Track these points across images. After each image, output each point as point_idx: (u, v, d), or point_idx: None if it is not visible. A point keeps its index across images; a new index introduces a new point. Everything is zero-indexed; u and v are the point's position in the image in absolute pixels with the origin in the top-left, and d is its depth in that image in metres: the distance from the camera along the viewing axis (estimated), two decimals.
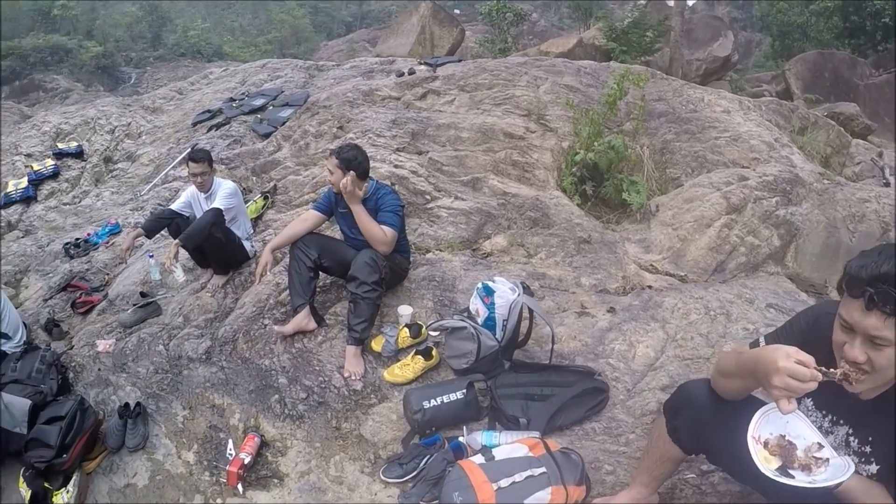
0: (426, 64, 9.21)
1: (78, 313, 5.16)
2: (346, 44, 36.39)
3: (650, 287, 4.78)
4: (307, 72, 10.53)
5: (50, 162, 8.57)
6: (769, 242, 5.41)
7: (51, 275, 5.99)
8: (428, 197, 5.87)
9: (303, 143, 7.16)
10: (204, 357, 4.22)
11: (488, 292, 3.81)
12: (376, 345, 4.09)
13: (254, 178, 6.93)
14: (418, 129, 6.89)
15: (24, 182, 8.18)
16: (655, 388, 3.62)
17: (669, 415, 2.35)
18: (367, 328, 3.97)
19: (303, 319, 4.16)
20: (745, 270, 5.20)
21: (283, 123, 7.87)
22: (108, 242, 6.33)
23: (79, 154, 8.88)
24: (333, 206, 4.34)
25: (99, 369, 4.32)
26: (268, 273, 4.31)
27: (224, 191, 4.81)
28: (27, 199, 7.99)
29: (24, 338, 4.44)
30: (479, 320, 3.84)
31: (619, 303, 4.50)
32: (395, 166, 6.20)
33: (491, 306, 3.78)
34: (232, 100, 9.33)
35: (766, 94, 15.10)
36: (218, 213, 4.64)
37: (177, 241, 4.54)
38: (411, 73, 8.58)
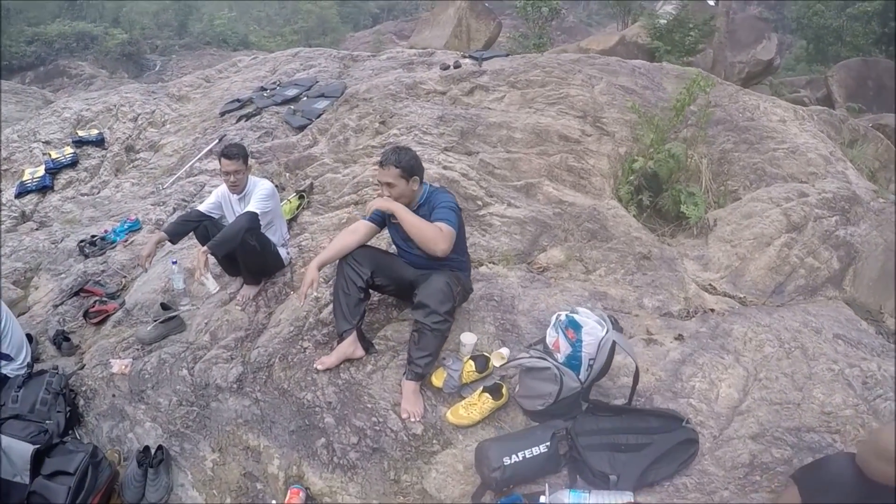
0: (471, 57, 8.66)
1: (91, 324, 4.60)
2: (374, 35, 35.92)
3: (713, 311, 4.46)
4: (341, 62, 9.97)
5: (69, 150, 8.18)
6: (829, 265, 5.12)
7: (63, 275, 5.48)
8: (479, 203, 5.38)
9: (341, 138, 6.58)
10: (235, 386, 3.65)
11: (574, 327, 3.25)
12: (437, 379, 3.49)
13: (287, 175, 6.35)
14: (467, 127, 6.38)
15: (41, 170, 7.81)
16: (745, 436, 3.28)
17: (809, 491, 2.22)
18: (432, 363, 3.38)
19: (349, 347, 3.60)
20: (804, 293, 4.91)
21: (319, 116, 7.30)
22: (126, 241, 5.78)
23: (99, 142, 8.45)
24: (387, 216, 3.75)
25: (113, 395, 3.78)
26: (314, 293, 3.70)
27: (260, 192, 4.21)
28: (43, 188, 7.61)
29: (28, 358, 3.86)
30: (560, 357, 3.31)
31: (686, 329, 4.14)
32: (445, 167, 5.69)
33: (577, 344, 3.24)
34: (263, 89, 8.77)
35: (805, 101, 14.41)
36: (253, 217, 4.05)
37: (205, 248, 3.94)
38: (457, 66, 8.05)
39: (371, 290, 3.78)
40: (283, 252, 4.50)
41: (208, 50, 33.44)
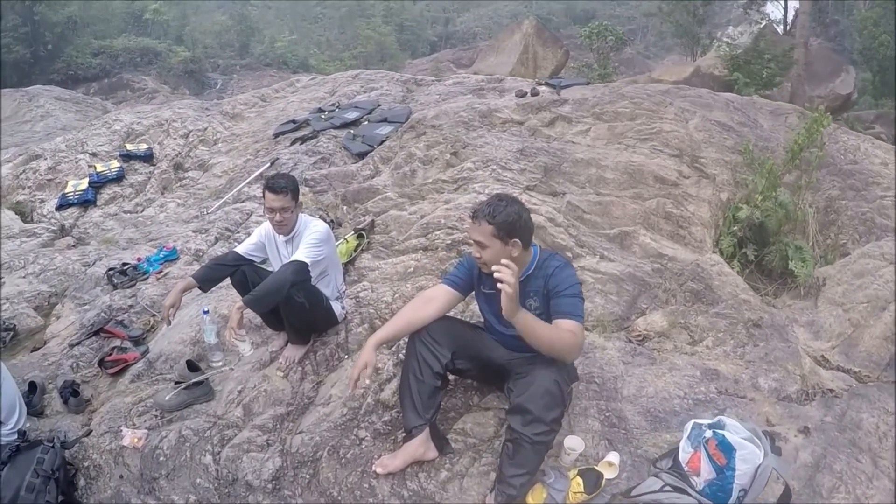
0: (548, 85, 8.04)
1: (107, 374, 3.89)
2: (432, 63, 35.88)
3: (831, 391, 3.82)
4: (405, 85, 9.44)
5: (115, 164, 7.88)
6: None
7: (87, 307, 4.88)
8: (570, 254, 4.66)
9: (408, 170, 5.87)
10: (270, 486, 2.89)
11: (725, 450, 2.54)
12: (534, 499, 2.62)
13: (344, 208, 5.66)
14: (551, 163, 5.69)
15: (85, 183, 7.53)
16: None
17: None
18: (529, 482, 2.55)
19: (419, 447, 2.80)
20: None
21: (382, 143, 6.68)
22: (160, 272, 5.15)
23: (148, 158, 8.12)
24: (475, 281, 2.94)
25: (121, 476, 3.07)
26: (367, 380, 2.89)
27: (312, 236, 3.43)
28: (85, 202, 7.31)
29: (21, 423, 3.14)
30: (699, 483, 2.58)
31: (809, 418, 3.43)
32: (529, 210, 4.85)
33: (728, 471, 2.53)
34: (320, 110, 8.26)
35: (883, 137, 13.59)
36: (302, 269, 3.29)
37: (239, 304, 3.21)
38: (535, 94, 7.40)
39: (449, 376, 2.99)
40: (336, 306, 3.73)
41: (268, 71, 33.97)
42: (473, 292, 3.02)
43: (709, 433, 2.53)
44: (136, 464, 3.11)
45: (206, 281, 3.50)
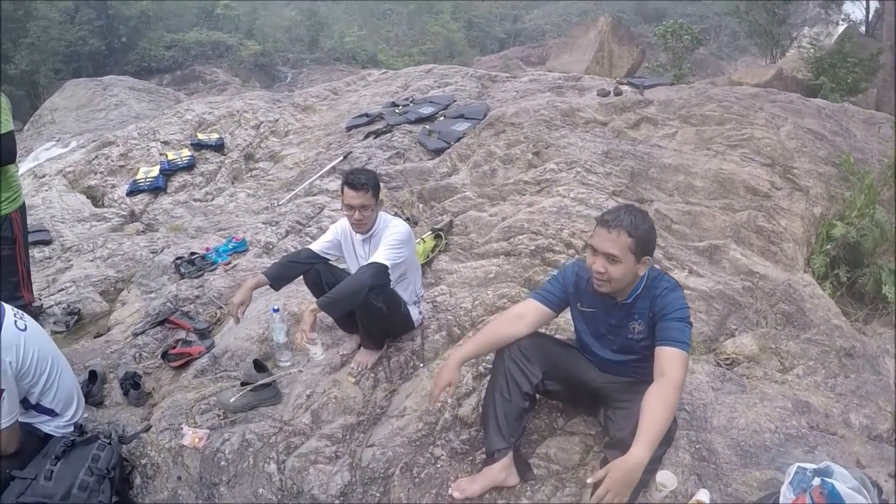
0: (630, 84, 7.69)
1: (170, 366, 3.74)
2: (501, 60, 35.69)
3: None
4: (479, 81, 9.19)
5: (187, 152, 7.88)
6: None
7: (153, 294, 4.79)
8: (658, 267, 4.21)
9: (487, 169, 5.60)
10: (338, 502, 2.67)
11: (834, 500, 2.25)
12: None
13: (420, 206, 5.43)
14: (638, 167, 5.39)
15: (156, 171, 7.54)
16: None
17: None
18: None
19: (501, 472, 2.54)
20: None
21: (459, 139, 6.41)
22: (228, 263, 5.00)
23: (219, 147, 8.08)
24: (570, 298, 2.67)
25: (179, 478, 2.91)
26: (449, 398, 2.63)
27: (393, 236, 3.18)
28: (156, 189, 7.31)
29: (78, 414, 2.97)
30: None
31: None
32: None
33: None
34: (394, 105, 8.04)
35: None
36: (381, 272, 3.05)
37: (313, 306, 3.00)
38: (618, 93, 7.04)
39: (537, 397, 2.72)
40: (414, 311, 3.48)
41: (337, 66, 34.40)
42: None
43: (816, 480, 2.24)
44: (195, 466, 2.94)
45: (278, 279, 3.30)
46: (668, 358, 2.30)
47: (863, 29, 23.01)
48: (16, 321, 2.71)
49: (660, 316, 2.42)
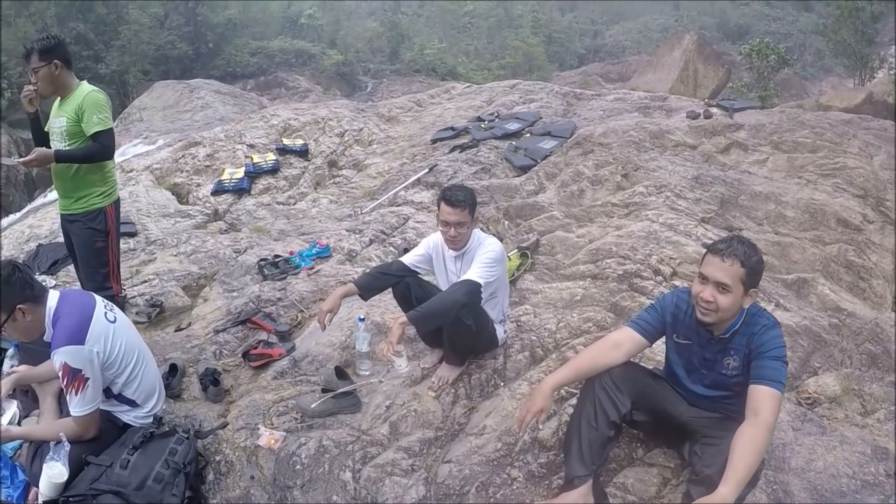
0: (720, 107, 7.55)
1: (250, 366, 3.77)
2: (580, 76, 35.61)
3: None
4: (564, 98, 9.14)
5: (272, 156, 8.02)
6: None
7: (235, 293, 4.84)
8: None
9: (575, 189, 5.53)
10: None
11: None
12: None
13: (506, 223, 5.38)
14: (728, 194, 5.27)
15: (241, 173, 7.70)
16: None
17: None
18: None
19: (578, 499, 2.44)
20: None
21: (546, 157, 6.36)
22: (311, 268, 5.03)
23: (303, 153, 8.22)
24: (668, 328, 2.60)
25: (252, 478, 2.90)
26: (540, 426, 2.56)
27: (487, 255, 3.13)
28: (240, 190, 7.46)
29: (159, 406, 3.01)
30: None
31: None
32: (704, 245, 4.47)
33: None
34: (480, 119, 8.06)
35: None
36: (475, 290, 3.00)
37: (403, 319, 2.97)
38: (707, 116, 6.89)
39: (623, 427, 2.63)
40: (499, 330, 3.41)
41: (417, 77, 34.90)
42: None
43: None
44: (269, 467, 2.93)
45: (368, 289, 3.29)
46: (762, 397, 2.27)
47: None
48: (106, 313, 2.77)
49: (756, 353, 2.38)
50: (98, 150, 3.55)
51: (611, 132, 6.25)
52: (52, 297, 2.70)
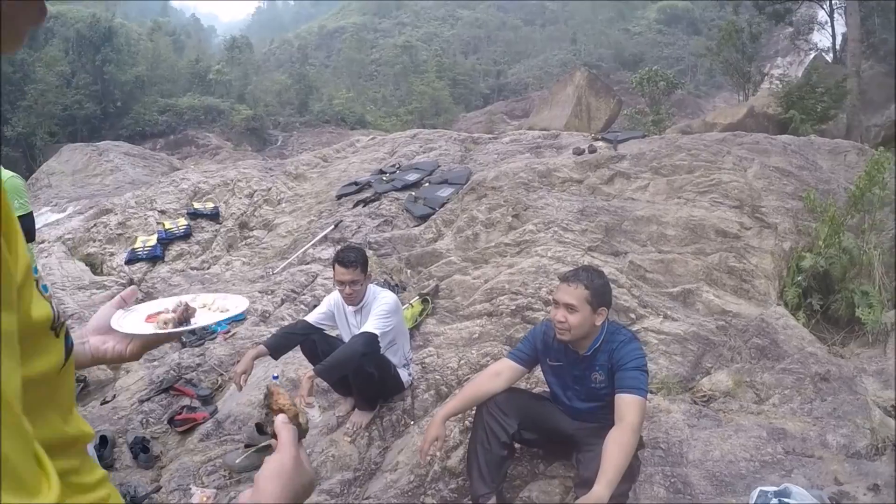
0: (605, 140, 8.01)
1: (176, 431, 3.97)
2: (485, 115, 36.57)
3: None
4: (463, 144, 9.54)
5: (183, 222, 8.15)
6: None
7: (156, 363, 4.99)
8: (633, 316, 4.60)
9: (470, 234, 5.88)
10: None
11: None
12: None
13: (408, 272, 5.69)
14: (612, 222, 5.65)
15: (154, 240, 7.78)
16: None
17: None
18: None
19: None
20: None
21: (443, 205, 6.71)
22: (228, 332, 5.23)
23: (214, 216, 8.38)
24: (539, 355, 2.97)
25: None
26: (438, 453, 2.91)
27: (382, 307, 3.48)
28: (154, 258, 7.54)
29: None
30: None
31: (879, 474, 3.26)
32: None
33: None
34: (381, 172, 8.35)
35: None
36: (372, 340, 3.32)
37: (311, 373, 3.25)
38: (592, 151, 7.33)
39: (515, 446, 2.98)
40: (403, 374, 3.75)
41: (327, 128, 35.06)
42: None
43: (774, 501, 2.45)
44: None
45: (277, 349, 3.55)
46: (625, 404, 2.56)
47: (830, 56, 23.84)
48: None
49: (618, 366, 2.68)
50: None
51: (502, 175, 6.62)
52: None
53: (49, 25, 38.15)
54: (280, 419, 0.99)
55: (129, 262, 7.44)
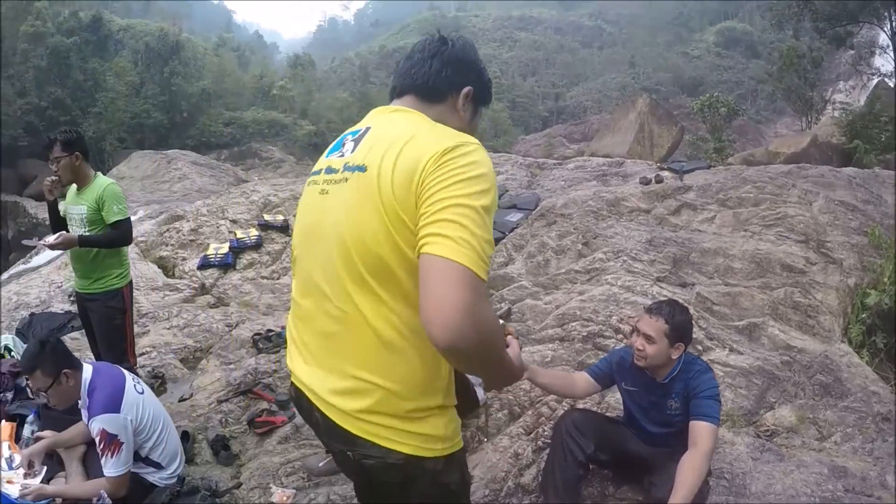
0: (670, 170, 8.09)
1: (255, 433, 4.14)
2: (545, 139, 36.63)
3: None
4: (528, 169, 9.66)
5: (254, 232, 8.36)
6: None
7: (232, 367, 5.18)
8: (700, 348, 4.57)
9: (541, 259, 5.98)
10: None
11: None
12: None
13: None
14: (680, 253, 5.69)
15: (226, 248, 8.01)
16: None
17: None
18: None
19: None
20: None
21: (513, 230, 6.82)
22: None
23: (283, 228, 8.57)
24: (616, 377, 3.10)
25: None
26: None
27: None
28: (225, 265, 7.78)
29: (180, 468, 3.39)
30: None
31: None
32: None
33: None
34: None
35: None
36: None
37: None
38: (658, 180, 7.41)
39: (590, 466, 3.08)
40: (479, 392, 3.85)
41: None
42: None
43: None
44: None
45: None
46: (700, 430, 2.69)
47: (893, 80, 23.13)
48: (135, 385, 3.18)
49: (693, 394, 2.81)
50: (118, 236, 3.91)
51: (571, 203, 6.73)
52: (87, 369, 3.08)
53: (119, 37, 40.15)
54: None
55: (202, 267, 7.70)
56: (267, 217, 8.76)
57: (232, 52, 51.61)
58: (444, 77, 1.71)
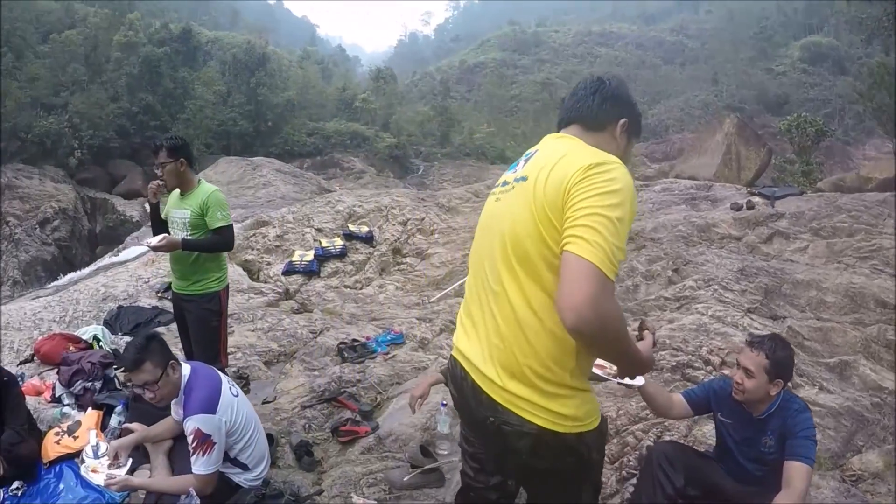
0: (761, 195, 7.90)
1: (338, 441, 4.17)
2: None
3: None
4: None
5: (339, 241, 8.51)
6: None
7: (317, 373, 5.25)
8: (790, 384, 4.29)
9: (630, 284, 5.89)
10: None
11: None
12: None
13: None
14: (772, 284, 5.51)
15: (311, 255, 8.14)
16: None
17: None
18: None
19: None
20: None
21: None
22: (387, 353, 5.45)
23: (368, 239, 8.71)
24: (712, 406, 3.01)
25: None
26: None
27: None
28: (310, 272, 7.90)
29: (266, 471, 3.44)
30: None
31: None
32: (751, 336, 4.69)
33: None
34: None
35: None
36: None
37: None
38: (750, 207, 7.23)
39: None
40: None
41: (468, 161, 35.71)
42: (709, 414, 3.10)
43: None
44: None
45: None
46: (795, 471, 2.61)
47: None
48: (230, 388, 3.25)
49: (790, 433, 2.72)
50: (221, 242, 3.98)
51: (661, 227, 6.61)
52: (185, 368, 3.17)
53: (207, 49, 42.01)
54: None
55: (287, 272, 7.86)
56: (352, 227, 8.92)
57: (315, 64, 53.09)
58: (604, 110, 2.01)
